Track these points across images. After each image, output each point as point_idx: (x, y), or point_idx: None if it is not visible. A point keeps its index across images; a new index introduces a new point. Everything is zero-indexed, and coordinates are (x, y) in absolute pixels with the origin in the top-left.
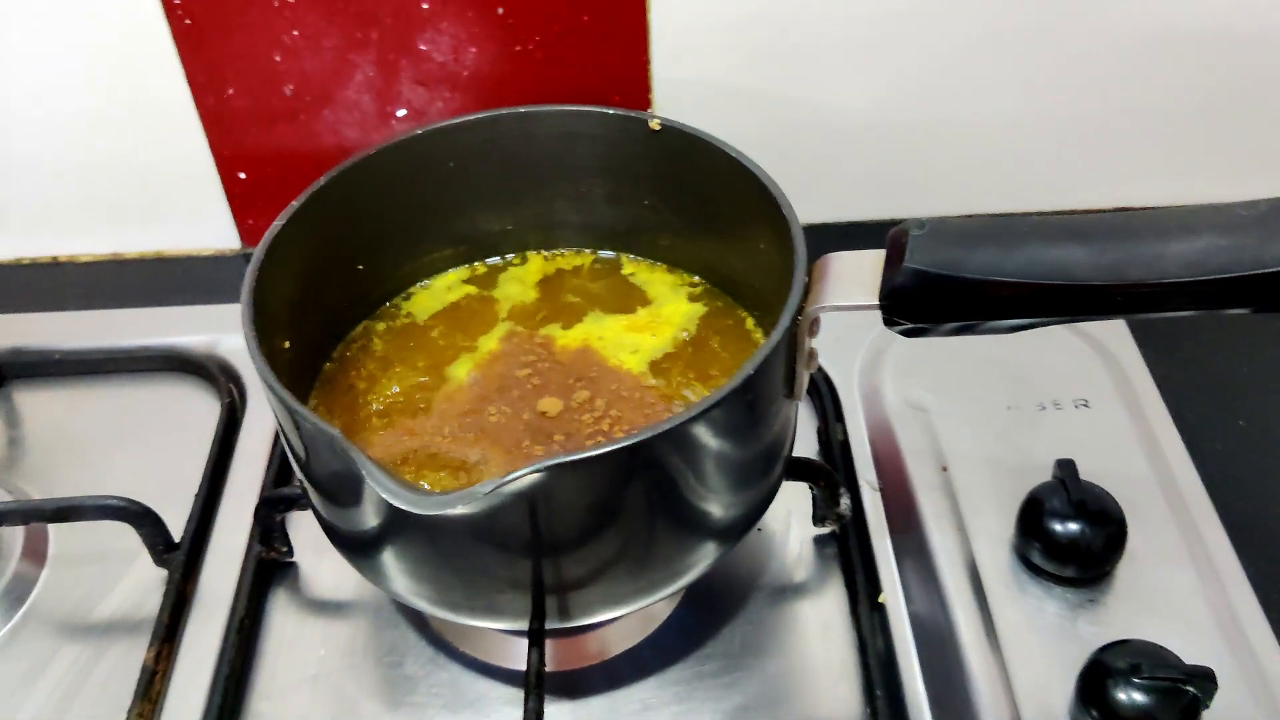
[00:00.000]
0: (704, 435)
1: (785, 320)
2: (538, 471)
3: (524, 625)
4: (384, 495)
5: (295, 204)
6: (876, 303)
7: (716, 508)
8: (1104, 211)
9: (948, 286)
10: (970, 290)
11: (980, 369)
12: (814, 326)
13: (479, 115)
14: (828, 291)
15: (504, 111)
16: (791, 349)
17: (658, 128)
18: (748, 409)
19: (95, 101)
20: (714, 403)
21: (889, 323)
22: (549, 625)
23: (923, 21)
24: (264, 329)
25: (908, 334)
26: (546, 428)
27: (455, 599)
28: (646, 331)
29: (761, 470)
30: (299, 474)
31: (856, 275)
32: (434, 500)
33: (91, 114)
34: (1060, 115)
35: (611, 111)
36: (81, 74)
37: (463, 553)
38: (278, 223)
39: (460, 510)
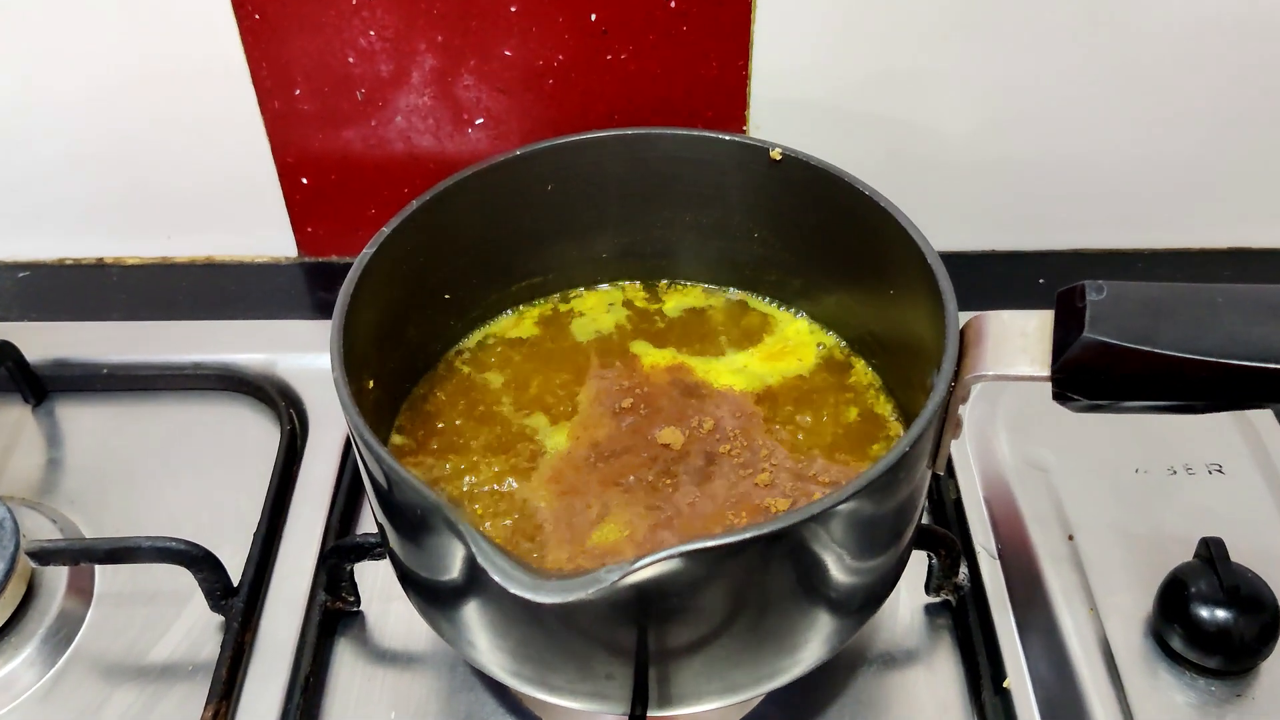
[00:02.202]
0: (855, 513)
1: (940, 389)
2: (676, 556)
3: (625, 711)
4: (498, 578)
5: (386, 230)
6: (1048, 375)
7: (850, 587)
8: (1222, 252)
9: (1137, 362)
10: (1163, 367)
11: (1102, 426)
12: (966, 394)
13: (585, 136)
14: (987, 359)
15: (612, 133)
16: (941, 419)
17: (779, 158)
18: (894, 484)
19: (152, 97)
20: (873, 479)
21: (1060, 397)
22: (654, 713)
23: (1040, 50)
24: (352, 369)
25: (1079, 409)
26: (672, 461)
27: (556, 681)
28: (790, 357)
29: (894, 545)
30: (381, 523)
31: (1021, 341)
32: (555, 587)
33: (147, 110)
34: (1181, 152)
35: (728, 138)
36: (139, 68)
37: (572, 634)
38: (368, 250)
39: (586, 598)
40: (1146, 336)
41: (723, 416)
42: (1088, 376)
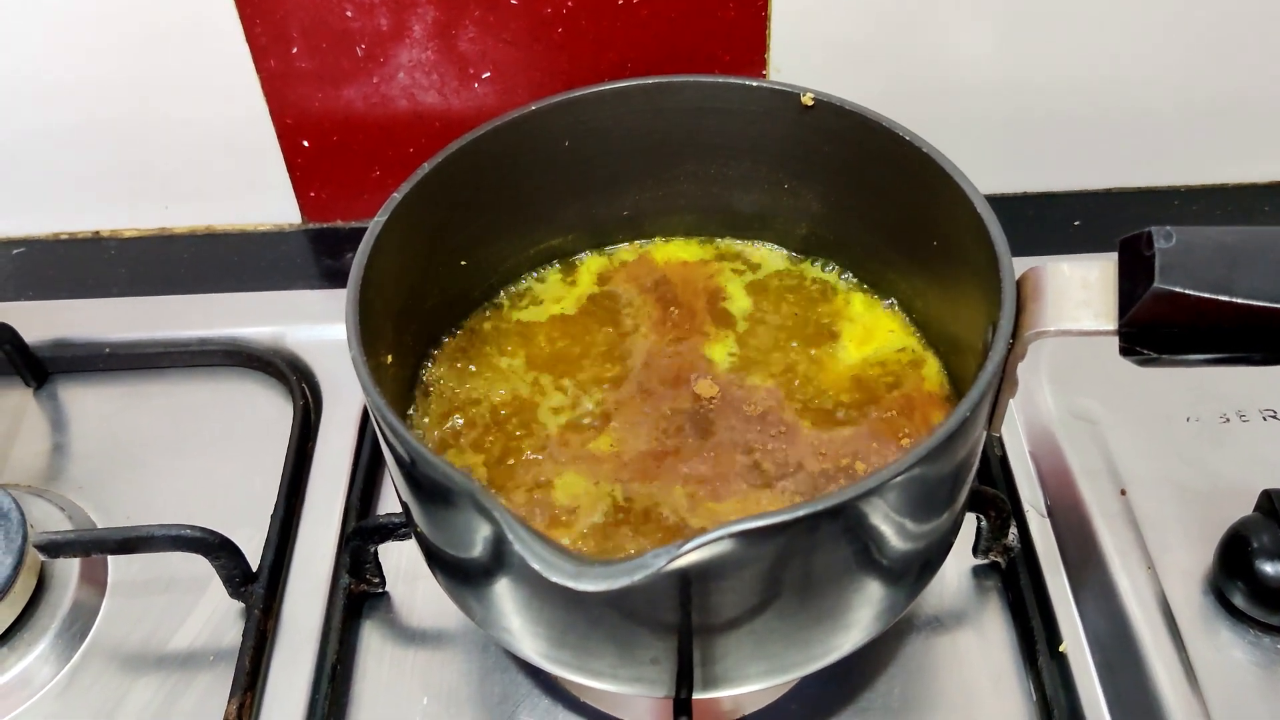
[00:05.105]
0: (914, 482)
1: (999, 348)
2: (727, 537)
3: (669, 693)
4: (537, 567)
5: (398, 196)
6: (1115, 329)
7: (907, 556)
8: (1261, 186)
9: (1214, 313)
10: (1242, 319)
11: (1150, 374)
12: (1025, 351)
13: (603, 88)
14: (1047, 314)
15: (632, 83)
16: (1000, 379)
17: (810, 103)
18: (953, 449)
19: (142, 61)
20: (932, 448)
21: (1126, 352)
22: (698, 695)
23: None
24: (369, 346)
25: (1145, 364)
26: (698, 409)
27: (596, 666)
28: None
29: (949, 509)
30: (407, 505)
31: (1083, 294)
32: (599, 574)
33: (138, 75)
34: (1212, 81)
35: (755, 84)
36: (127, 33)
37: (614, 619)
38: (379, 219)
39: (631, 585)
40: (1223, 285)
41: (756, 384)
42: (1159, 330)
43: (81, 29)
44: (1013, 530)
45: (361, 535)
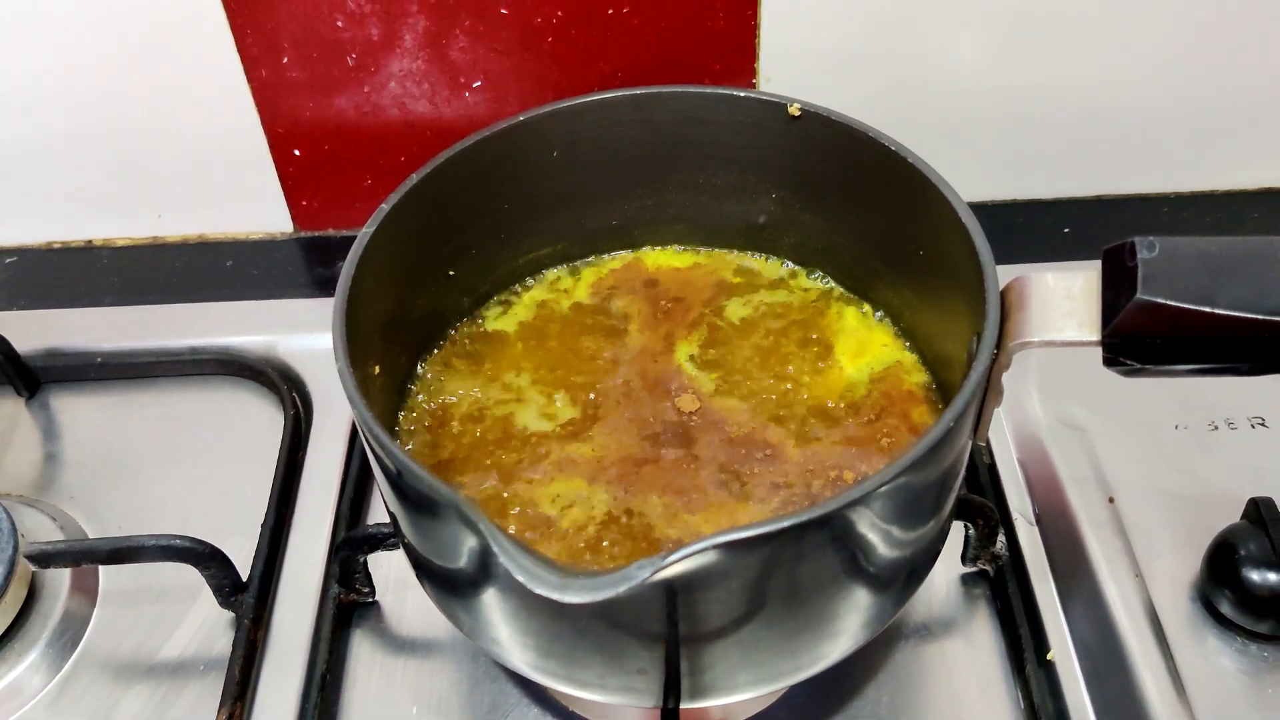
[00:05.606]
0: (898, 492)
1: (983, 358)
2: (712, 549)
3: (659, 703)
4: (522, 579)
5: (386, 206)
6: (1098, 339)
7: (892, 565)
8: (1249, 193)
9: (1196, 324)
10: (1225, 330)
11: (1138, 382)
12: (1009, 361)
13: (592, 98)
14: (1032, 324)
15: (621, 93)
16: (984, 389)
17: (797, 114)
18: (938, 459)
19: (135, 71)
20: (917, 457)
21: (1110, 363)
22: (686, 705)
23: None
24: (357, 358)
25: (1129, 374)
26: (678, 422)
27: (584, 676)
28: (865, 356)
29: (935, 519)
30: (394, 515)
31: (1067, 304)
32: (583, 586)
33: (131, 84)
34: (1201, 86)
35: (743, 94)
36: (119, 43)
37: (601, 629)
38: (368, 229)
39: (615, 596)
40: (1206, 296)
41: (744, 396)
42: (1142, 340)
43: (74, 38)
44: (1001, 538)
45: (351, 545)
